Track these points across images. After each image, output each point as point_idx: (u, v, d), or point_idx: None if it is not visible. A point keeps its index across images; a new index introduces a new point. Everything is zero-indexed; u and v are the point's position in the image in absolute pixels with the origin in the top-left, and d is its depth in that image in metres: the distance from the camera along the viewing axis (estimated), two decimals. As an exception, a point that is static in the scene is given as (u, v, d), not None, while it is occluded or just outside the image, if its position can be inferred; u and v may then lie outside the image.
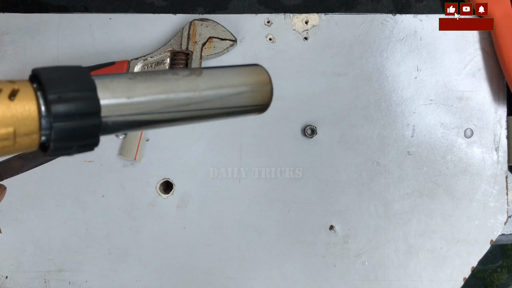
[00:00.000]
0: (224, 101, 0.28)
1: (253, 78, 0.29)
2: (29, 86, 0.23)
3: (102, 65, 0.58)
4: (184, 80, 0.26)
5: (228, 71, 0.28)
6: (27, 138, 0.23)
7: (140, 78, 0.26)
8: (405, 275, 0.59)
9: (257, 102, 0.29)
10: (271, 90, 0.30)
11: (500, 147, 0.60)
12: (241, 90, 0.28)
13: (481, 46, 0.61)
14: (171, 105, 0.26)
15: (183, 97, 0.26)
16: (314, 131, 0.59)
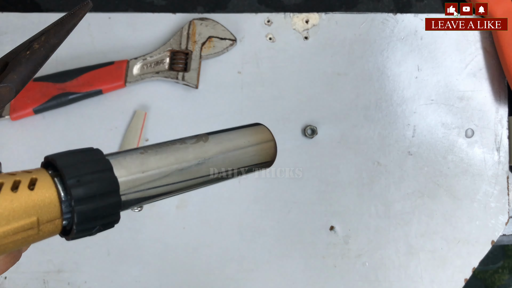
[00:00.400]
0: (232, 163, 0.29)
1: (257, 138, 0.31)
2: (45, 174, 0.23)
3: (101, 65, 0.58)
4: (193, 148, 0.28)
5: (233, 134, 0.30)
6: (50, 225, 0.23)
7: (151, 152, 0.27)
8: (406, 275, 0.58)
9: (263, 159, 0.31)
10: (275, 146, 0.32)
11: (501, 147, 0.60)
12: (247, 151, 0.30)
13: (482, 45, 0.61)
14: (184, 173, 0.27)
15: (193, 164, 0.27)
16: (314, 131, 0.59)
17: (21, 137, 0.59)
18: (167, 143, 0.28)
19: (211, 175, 0.28)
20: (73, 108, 0.59)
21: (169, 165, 0.27)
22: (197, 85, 0.59)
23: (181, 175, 0.27)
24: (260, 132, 0.31)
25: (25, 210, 0.22)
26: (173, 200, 0.59)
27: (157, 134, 0.59)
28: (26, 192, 0.22)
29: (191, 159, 0.27)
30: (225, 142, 0.29)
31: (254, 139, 0.30)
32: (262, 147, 0.31)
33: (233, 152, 0.29)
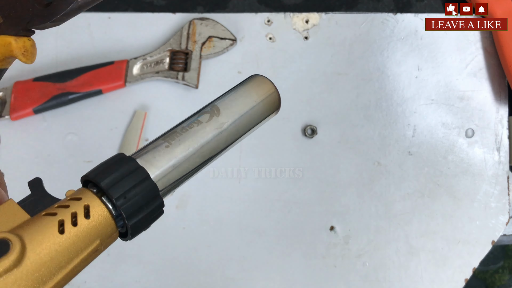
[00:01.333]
0: (246, 123, 0.32)
1: (261, 93, 0.33)
2: (93, 197, 0.25)
3: (101, 65, 0.58)
4: (209, 125, 0.30)
5: (240, 97, 0.32)
6: (110, 240, 0.26)
7: (174, 143, 0.29)
8: (406, 275, 0.58)
9: (271, 110, 0.33)
10: (279, 95, 0.34)
11: (501, 147, 0.60)
12: (256, 110, 0.32)
13: (483, 45, 0.61)
14: (208, 150, 0.30)
15: (214, 139, 0.30)
16: (314, 131, 0.59)
17: (21, 137, 0.59)
18: (185, 127, 0.30)
19: (228, 141, 0.31)
20: (73, 108, 0.59)
21: (193, 149, 0.29)
22: (197, 85, 0.59)
23: (205, 153, 0.29)
24: (262, 86, 0.33)
25: (89, 239, 0.24)
26: (173, 200, 0.59)
27: (157, 134, 0.59)
28: (85, 223, 0.24)
29: (210, 137, 0.29)
30: (236, 108, 0.31)
31: (259, 96, 0.32)
32: (268, 100, 0.33)
33: (244, 115, 0.31)
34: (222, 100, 0.32)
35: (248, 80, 0.33)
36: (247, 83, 0.33)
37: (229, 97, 0.32)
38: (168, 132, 0.30)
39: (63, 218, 0.24)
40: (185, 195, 0.59)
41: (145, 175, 0.27)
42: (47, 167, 0.59)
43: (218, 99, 0.32)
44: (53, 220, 0.24)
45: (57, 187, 0.63)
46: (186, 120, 0.30)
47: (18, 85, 0.58)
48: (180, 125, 0.30)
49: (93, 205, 0.25)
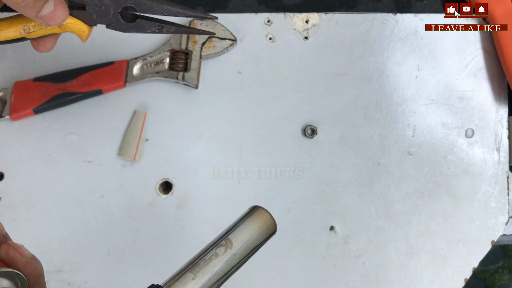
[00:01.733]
0: (250, 249, 0.39)
1: (261, 223, 0.40)
2: None
3: (101, 65, 0.58)
4: (224, 256, 0.37)
5: (245, 229, 0.39)
6: None
7: (199, 275, 0.36)
8: (406, 275, 0.58)
9: (269, 235, 0.40)
10: (275, 222, 0.41)
11: (501, 147, 0.60)
12: (258, 237, 0.39)
13: (482, 45, 0.61)
14: (224, 276, 0.37)
15: (229, 265, 0.37)
16: (314, 131, 0.59)
17: (21, 137, 0.59)
18: (206, 260, 0.37)
19: (239, 265, 0.38)
20: (73, 108, 0.59)
21: (214, 278, 0.36)
22: (197, 85, 0.59)
23: (221, 279, 0.37)
24: (262, 217, 0.41)
25: None
26: (173, 200, 0.59)
27: (157, 134, 0.59)
28: None
29: (225, 265, 0.37)
30: (243, 238, 0.38)
31: (260, 225, 0.40)
32: (267, 227, 0.40)
33: (249, 243, 0.39)
34: (233, 233, 0.39)
35: (251, 213, 0.41)
36: (250, 216, 0.41)
37: (237, 229, 0.39)
38: (192, 264, 0.37)
39: None
40: (185, 195, 0.59)
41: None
42: (47, 167, 0.59)
43: (229, 231, 0.39)
44: None
45: (56, 188, 0.64)
46: (206, 252, 0.37)
47: (18, 85, 0.58)
48: (202, 257, 0.37)
49: None
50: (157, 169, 0.59)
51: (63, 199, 0.59)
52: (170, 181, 0.59)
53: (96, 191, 0.59)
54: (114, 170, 0.59)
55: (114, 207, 0.59)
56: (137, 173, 0.59)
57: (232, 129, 0.60)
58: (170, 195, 0.59)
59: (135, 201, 0.59)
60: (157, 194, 0.59)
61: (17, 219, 0.59)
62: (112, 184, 0.59)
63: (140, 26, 0.40)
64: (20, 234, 0.58)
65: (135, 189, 0.59)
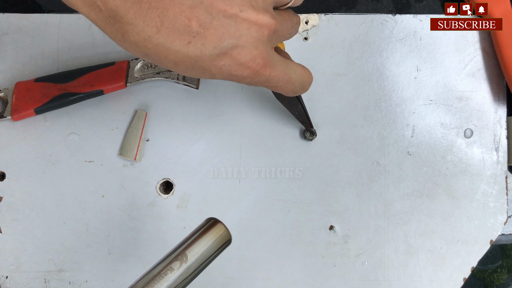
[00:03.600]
0: (205, 260, 0.41)
1: (215, 235, 0.42)
2: None
3: (102, 65, 0.58)
4: (180, 270, 0.39)
5: (200, 242, 0.41)
6: None
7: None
8: (405, 275, 0.59)
9: (222, 244, 0.42)
10: (229, 233, 0.43)
11: (500, 147, 0.60)
12: (213, 247, 0.41)
13: (481, 46, 0.61)
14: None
15: (183, 278, 0.39)
16: (313, 133, 0.59)
17: (22, 137, 0.59)
18: (161, 274, 0.39)
19: (194, 276, 0.40)
20: (74, 109, 0.60)
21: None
22: (198, 85, 0.59)
23: None
24: (216, 229, 0.42)
25: None
26: (174, 200, 0.59)
27: (158, 134, 0.60)
28: None
29: (179, 279, 0.39)
30: (198, 251, 0.40)
31: (214, 237, 0.41)
32: (221, 239, 0.42)
33: (204, 255, 0.40)
34: (188, 247, 0.40)
35: (206, 226, 0.42)
36: (204, 228, 0.42)
37: (192, 243, 0.41)
38: (148, 278, 0.39)
39: None
40: (185, 194, 0.59)
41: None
42: (48, 167, 0.59)
43: (184, 245, 0.40)
44: None
45: (57, 187, 0.64)
46: (162, 267, 0.39)
47: (19, 86, 0.58)
48: (158, 272, 0.39)
49: None
50: (158, 169, 0.59)
51: (64, 198, 0.59)
52: (170, 181, 0.59)
53: (97, 191, 0.59)
54: (115, 170, 0.59)
55: (115, 207, 0.59)
56: (137, 173, 0.59)
57: (232, 129, 0.60)
58: (170, 195, 0.59)
59: (136, 201, 0.59)
60: (157, 194, 0.59)
61: (18, 219, 0.59)
62: (113, 184, 0.59)
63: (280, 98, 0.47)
64: (21, 233, 0.59)
65: (135, 189, 0.59)
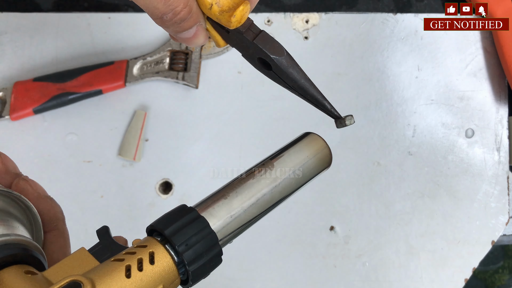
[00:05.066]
0: (298, 179, 0.33)
1: (313, 150, 0.34)
2: (158, 245, 0.27)
3: (101, 65, 0.58)
4: (264, 179, 0.32)
5: (293, 153, 0.34)
6: (172, 286, 0.28)
7: (232, 194, 0.31)
8: (406, 275, 0.58)
9: (322, 167, 0.34)
10: (330, 152, 0.35)
11: (501, 147, 0.60)
12: (308, 166, 0.34)
13: (483, 45, 0.61)
14: (263, 202, 0.32)
15: (269, 192, 0.32)
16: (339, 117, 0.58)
17: (21, 137, 0.59)
18: (241, 180, 0.32)
19: (283, 195, 0.33)
20: (73, 108, 0.59)
21: (249, 201, 0.32)
22: (197, 85, 0.59)
23: (260, 206, 0.32)
24: (315, 143, 0.35)
25: (153, 283, 0.26)
26: (173, 200, 0.59)
27: (157, 134, 0.59)
28: (149, 268, 0.26)
29: (265, 191, 0.32)
30: (288, 163, 0.33)
31: (311, 152, 0.34)
32: (320, 156, 0.34)
33: (296, 171, 0.33)
34: (276, 156, 0.34)
35: (301, 137, 0.35)
36: (300, 140, 0.35)
37: (283, 153, 0.34)
38: (227, 185, 0.32)
39: (130, 264, 0.26)
40: (185, 195, 0.59)
41: (205, 224, 0.29)
42: (47, 167, 0.59)
43: (273, 155, 0.34)
44: (120, 265, 0.26)
45: (57, 187, 0.63)
46: (243, 174, 0.33)
47: (18, 85, 0.58)
48: (237, 178, 0.33)
49: (157, 252, 0.27)
50: (157, 169, 0.59)
51: (63, 199, 0.59)
52: (170, 181, 0.59)
53: (96, 191, 0.59)
54: (114, 170, 0.59)
55: (114, 207, 0.59)
56: (137, 173, 0.59)
57: (232, 129, 0.60)
58: (170, 195, 0.59)
59: (135, 201, 0.59)
60: (157, 194, 0.59)
61: (17, 219, 0.58)
62: (112, 184, 0.59)
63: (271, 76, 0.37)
64: (20, 234, 0.58)
65: (135, 189, 0.59)
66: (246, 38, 0.35)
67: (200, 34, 0.35)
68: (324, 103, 0.36)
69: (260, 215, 0.33)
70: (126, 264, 0.26)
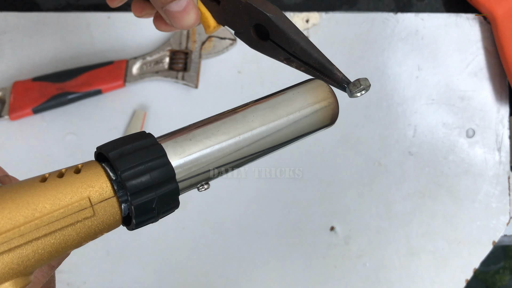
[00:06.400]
0: (290, 127, 0.27)
1: (315, 96, 0.27)
2: (94, 162, 0.23)
3: (100, 65, 0.58)
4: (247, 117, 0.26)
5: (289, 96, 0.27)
6: (105, 204, 0.22)
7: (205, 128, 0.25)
8: (407, 276, 0.58)
9: (323, 121, 0.28)
10: (336, 104, 0.28)
11: (502, 147, 0.59)
12: (305, 113, 0.27)
13: (483, 45, 0.60)
14: (239, 144, 0.26)
15: (249, 135, 0.26)
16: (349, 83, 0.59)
17: (20, 137, 0.59)
18: (220, 115, 0.27)
19: (267, 146, 0.26)
20: (72, 108, 0.59)
21: (223, 140, 0.25)
22: (197, 84, 0.58)
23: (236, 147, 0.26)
24: (319, 90, 0.28)
25: (72, 189, 0.21)
26: (173, 200, 0.58)
27: (157, 134, 0.59)
28: (72, 176, 0.22)
29: (244, 131, 0.26)
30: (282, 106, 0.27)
31: (312, 99, 0.27)
32: (321, 107, 0.28)
33: (291, 116, 0.27)
34: (270, 96, 0.28)
35: (304, 82, 0.29)
36: (302, 84, 0.29)
37: (278, 94, 0.28)
38: (204, 119, 0.26)
39: (49, 174, 0.22)
40: (185, 195, 0.59)
41: (162, 153, 0.24)
42: (46, 167, 0.59)
43: (267, 95, 0.28)
44: (38, 176, 0.22)
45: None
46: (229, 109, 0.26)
47: (17, 85, 0.57)
48: (219, 114, 0.27)
49: (89, 166, 0.22)
50: (157, 169, 0.59)
51: (62, 199, 0.59)
52: (169, 181, 0.59)
53: (96, 191, 0.58)
54: (114, 170, 0.59)
55: (113, 207, 0.58)
56: (136, 173, 0.59)
57: (232, 129, 0.59)
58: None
59: (135, 201, 0.58)
60: (156, 194, 0.59)
61: (16, 219, 0.58)
62: (112, 184, 0.59)
63: (268, 48, 0.33)
64: (19, 234, 0.58)
65: (134, 189, 0.59)
66: (240, 1, 0.32)
67: (191, 9, 0.33)
68: (331, 68, 0.30)
69: (235, 161, 0.26)
70: (45, 174, 0.22)
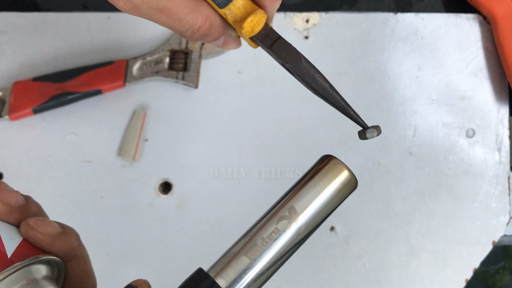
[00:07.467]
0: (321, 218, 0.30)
1: (337, 182, 0.30)
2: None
3: (100, 65, 0.58)
4: (289, 232, 0.29)
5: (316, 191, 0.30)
6: None
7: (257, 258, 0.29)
8: (407, 276, 0.58)
9: (348, 193, 0.31)
10: (355, 181, 0.31)
11: (502, 147, 0.59)
12: (334, 199, 0.30)
13: (484, 45, 0.60)
14: (287, 256, 0.30)
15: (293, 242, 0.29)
16: (366, 128, 0.59)
17: (20, 137, 0.59)
18: (265, 238, 0.29)
19: (307, 238, 0.30)
20: (72, 108, 0.59)
21: (274, 260, 0.29)
22: (197, 84, 0.58)
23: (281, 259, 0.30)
24: (337, 173, 0.31)
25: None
26: (173, 200, 0.59)
27: (157, 134, 0.59)
28: None
29: (291, 245, 0.29)
30: (314, 206, 0.30)
31: (336, 186, 0.30)
32: (346, 188, 0.31)
33: (319, 210, 0.30)
34: (298, 198, 0.30)
35: (323, 168, 0.31)
36: (322, 172, 0.31)
37: (305, 193, 0.30)
38: (248, 244, 0.29)
39: None
40: (185, 195, 0.59)
41: None
42: (46, 167, 0.59)
43: (294, 195, 0.30)
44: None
45: (56, 188, 0.63)
46: (264, 227, 0.29)
47: (17, 85, 0.57)
48: (259, 234, 0.29)
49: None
50: (157, 169, 0.59)
51: (62, 199, 0.59)
52: (169, 181, 0.59)
53: (95, 191, 0.59)
54: (114, 170, 0.59)
55: (113, 207, 0.58)
56: (136, 173, 0.59)
57: (232, 129, 0.59)
58: (169, 195, 0.59)
59: (135, 201, 0.58)
60: (156, 194, 0.59)
61: (16, 219, 0.58)
62: (112, 184, 0.59)
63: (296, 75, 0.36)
64: (19, 234, 0.58)
65: (134, 189, 0.59)
66: (264, 46, 0.34)
67: (230, 42, 0.36)
68: (347, 110, 0.36)
69: (280, 266, 0.30)
70: None
